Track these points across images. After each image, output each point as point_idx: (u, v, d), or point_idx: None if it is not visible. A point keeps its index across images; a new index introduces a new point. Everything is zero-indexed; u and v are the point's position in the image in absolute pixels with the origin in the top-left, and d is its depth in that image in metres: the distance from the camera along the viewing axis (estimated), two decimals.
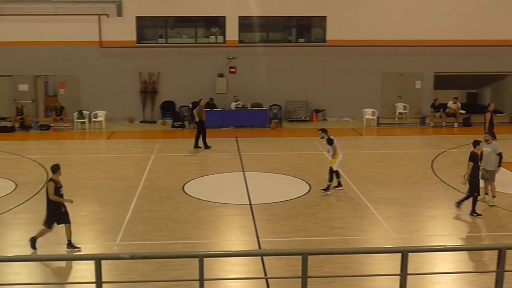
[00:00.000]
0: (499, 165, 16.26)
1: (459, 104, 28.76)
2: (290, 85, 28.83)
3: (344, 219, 15.31)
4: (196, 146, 23.21)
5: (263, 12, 28.89)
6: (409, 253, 7.34)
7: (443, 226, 15.19)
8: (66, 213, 13.00)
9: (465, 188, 17.89)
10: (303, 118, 28.91)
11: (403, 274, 7.31)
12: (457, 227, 15.11)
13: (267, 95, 28.68)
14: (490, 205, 16.18)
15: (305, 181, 18.69)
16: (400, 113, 29.67)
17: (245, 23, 29.29)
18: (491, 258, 7.80)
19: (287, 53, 29.12)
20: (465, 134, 26.14)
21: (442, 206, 16.68)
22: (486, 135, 16.78)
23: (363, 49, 28.94)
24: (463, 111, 28.63)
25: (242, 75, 28.84)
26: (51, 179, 12.91)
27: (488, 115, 21.97)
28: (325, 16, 29.06)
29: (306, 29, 30.34)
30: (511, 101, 30.43)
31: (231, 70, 28.94)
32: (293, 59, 29.10)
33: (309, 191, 17.70)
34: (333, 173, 17.55)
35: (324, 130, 18.02)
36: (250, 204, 16.40)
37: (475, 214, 15.27)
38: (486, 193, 16.51)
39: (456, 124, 28.11)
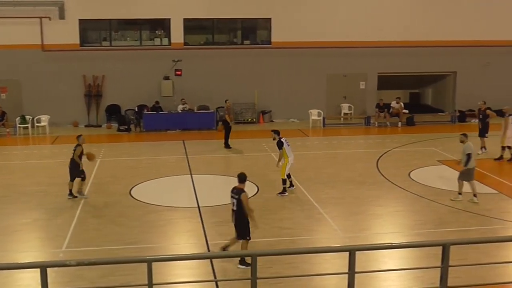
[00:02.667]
0: (465, 165, 16.65)
1: (402, 104, 29.33)
2: (236, 87, 28.86)
3: (292, 219, 15.40)
4: (227, 145, 23.46)
5: (208, 14, 28.85)
6: (357, 252, 7.43)
7: (389, 224, 15.46)
8: (83, 170, 16.94)
9: (410, 186, 18.30)
10: (249, 119, 28.98)
11: (351, 272, 7.40)
12: (402, 225, 15.41)
13: (214, 97, 28.64)
14: (452, 200, 16.73)
15: (252, 182, 18.71)
16: (345, 114, 30.05)
17: (190, 26, 29.18)
18: (435, 254, 7.97)
19: (233, 55, 29.15)
20: (409, 133, 26.73)
21: (388, 204, 16.98)
22: (460, 136, 17.15)
23: (308, 51, 29.21)
24: (406, 111, 29.22)
25: (188, 78, 28.72)
26: (79, 145, 17.02)
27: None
28: (270, 18, 29.21)
29: (251, 31, 30.44)
30: (452, 100, 31.18)
31: (177, 72, 28.77)
32: (239, 61, 29.15)
33: (256, 192, 17.74)
34: (285, 180, 17.57)
35: (276, 132, 17.99)
36: (198, 207, 16.34)
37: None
38: (460, 193, 16.86)
39: (399, 124, 28.66)
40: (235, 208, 12.25)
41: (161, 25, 29.22)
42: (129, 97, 28.37)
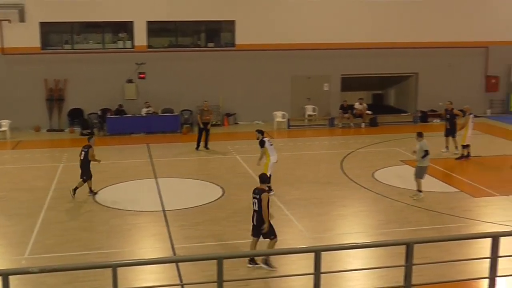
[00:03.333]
0: (419, 162, 17.04)
1: (365, 105, 29.63)
2: (200, 90, 28.77)
3: None
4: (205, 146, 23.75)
5: (172, 17, 28.73)
6: (322, 252, 7.49)
7: (354, 224, 15.61)
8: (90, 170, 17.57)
9: (374, 186, 18.50)
10: (214, 122, 28.92)
11: (317, 273, 7.45)
12: (367, 225, 15.57)
13: (178, 100, 28.52)
14: (415, 199, 16.97)
15: (218, 185, 18.71)
16: (309, 115, 30.21)
17: (154, 28, 29.01)
18: (399, 253, 8.08)
19: (197, 58, 29.08)
20: (372, 134, 27.00)
21: (352, 204, 17.14)
22: (416, 134, 17.57)
23: (272, 53, 29.30)
24: (370, 112, 29.52)
25: (152, 81, 28.55)
26: (90, 146, 17.67)
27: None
28: (233, 21, 29.22)
29: (215, 33, 30.40)
30: (414, 101, 31.60)
31: (140, 75, 28.57)
32: (203, 64, 29.08)
33: (222, 195, 17.74)
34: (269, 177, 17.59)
35: (260, 131, 18.11)
36: (164, 211, 16.26)
37: None
38: (420, 191, 17.13)
39: (363, 125, 28.93)
40: (256, 209, 12.32)
41: (124, 28, 29.00)
42: (92, 100, 28.07)
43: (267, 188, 12.65)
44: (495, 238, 7.92)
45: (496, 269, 7.90)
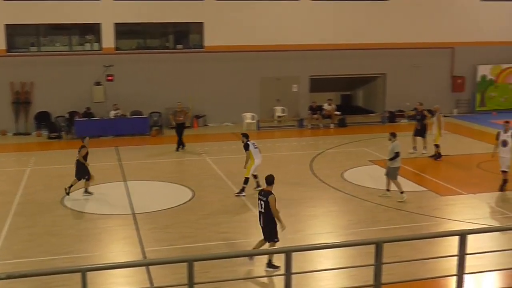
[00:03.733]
0: (391, 163, 17.10)
1: (334, 105, 29.82)
2: (169, 92, 28.64)
3: (228, 223, 15.43)
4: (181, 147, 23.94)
5: (140, 18, 28.55)
6: (293, 253, 7.52)
7: (324, 224, 15.70)
8: (88, 170, 17.68)
9: (343, 186, 18.62)
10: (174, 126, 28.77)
11: (288, 273, 7.47)
12: (336, 225, 15.66)
13: (147, 102, 28.34)
14: (380, 196, 17.12)
15: (188, 187, 18.66)
16: (279, 116, 30.28)
17: (122, 30, 28.80)
18: (369, 252, 8.15)
19: (166, 60, 28.94)
20: (341, 135, 27.18)
21: (322, 205, 17.23)
22: (389, 135, 17.57)
23: (241, 55, 29.31)
24: (338, 113, 29.72)
25: (121, 83, 28.32)
26: (84, 146, 17.77)
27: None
28: (202, 23, 29.15)
29: (184, 35, 30.31)
30: (382, 101, 31.89)
31: (109, 78, 28.33)
32: (171, 66, 28.96)
33: (192, 197, 17.69)
34: (248, 178, 17.83)
35: (245, 135, 18.40)
36: (133, 214, 16.15)
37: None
38: (388, 190, 17.27)
39: (332, 125, 29.11)
40: (262, 211, 12.35)
41: (91, 30, 28.73)
42: (60, 103, 27.73)
43: (271, 191, 12.68)
44: (463, 236, 8.04)
45: (464, 266, 8.02)
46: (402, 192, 17.12)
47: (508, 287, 11.19)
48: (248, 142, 18.04)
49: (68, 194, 17.66)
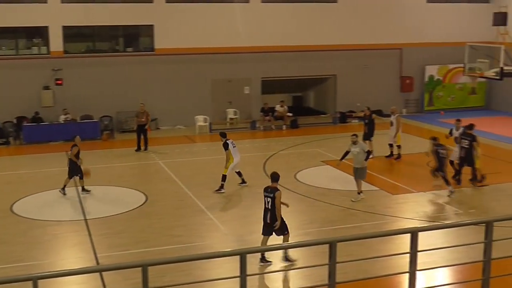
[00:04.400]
0: (361, 164, 17.19)
1: (286, 107, 30.00)
2: (120, 95, 28.34)
3: (183, 226, 15.35)
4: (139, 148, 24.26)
5: (88, 21, 28.12)
6: (247, 255, 7.52)
7: None
8: (80, 169, 17.96)
9: (296, 187, 18.74)
10: (135, 128, 28.47)
11: (243, 276, 7.47)
12: (290, 225, 15.67)
13: (97, 106, 27.95)
14: (353, 201, 17.13)
15: (141, 191, 18.48)
16: (231, 119, 30.29)
17: (70, 33, 28.34)
18: (323, 251, 8.21)
19: (116, 63, 28.62)
20: (293, 136, 27.36)
21: None
22: (352, 137, 17.66)
23: (192, 57, 29.21)
24: (290, 114, 29.91)
25: (70, 87, 27.86)
26: (75, 145, 18.04)
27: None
28: (152, 25, 28.94)
29: (134, 38, 30.02)
30: (333, 102, 32.22)
31: (57, 82, 27.84)
32: (122, 69, 28.65)
33: (145, 201, 17.53)
34: (225, 176, 18.23)
35: (223, 134, 18.79)
36: (85, 219, 15.91)
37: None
38: (359, 192, 17.34)
39: (284, 127, 29.28)
40: (269, 207, 12.58)
41: (39, 33, 28.18)
42: (7, 108, 27.10)
43: (278, 188, 12.99)
44: (414, 233, 8.18)
45: (416, 263, 8.16)
46: (360, 193, 17.30)
47: (458, 282, 11.44)
48: (227, 141, 18.43)
49: (64, 194, 18.05)
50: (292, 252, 12.98)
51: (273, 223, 12.67)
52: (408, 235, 8.10)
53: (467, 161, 18.62)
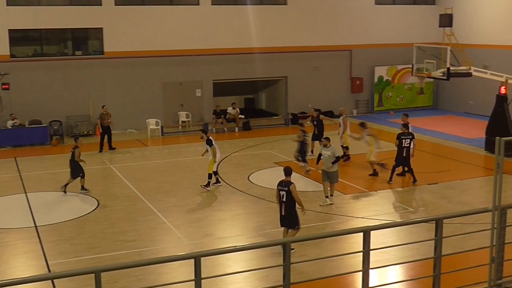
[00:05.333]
0: (331, 168, 17.01)
1: (238, 109, 30.02)
2: (70, 100, 27.89)
3: (136, 231, 15.20)
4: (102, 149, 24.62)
5: (36, 24, 27.58)
6: (202, 258, 7.50)
7: (232, 228, 15.75)
8: (82, 168, 18.60)
9: (250, 189, 18.75)
10: (85, 132, 28.12)
11: (197, 279, 7.44)
12: (245, 228, 15.76)
13: (46, 111, 27.42)
14: (321, 205, 17.01)
15: (92, 196, 18.23)
16: (183, 122, 30.14)
17: (17, 37, 27.75)
18: (278, 253, 8.25)
19: (64, 67, 28.13)
20: (246, 138, 27.39)
21: (230, 208, 17.29)
22: (323, 140, 17.62)
23: (142, 60, 28.96)
24: (242, 116, 29.95)
25: (17, 92, 27.26)
26: (77, 147, 18.51)
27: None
28: (101, 28, 28.57)
29: (83, 41, 29.57)
30: (285, 104, 32.40)
31: (4, 86, 27.21)
32: (71, 73, 28.18)
33: (97, 206, 17.29)
34: (211, 174, 18.69)
35: (203, 131, 19.43)
36: (36, 226, 15.59)
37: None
38: (327, 196, 17.27)
39: (236, 129, 29.30)
40: (284, 200, 13.02)
41: None
42: None
43: (292, 181, 13.34)
44: (366, 232, 8.29)
45: (369, 261, 8.27)
46: (328, 196, 17.24)
47: (411, 279, 11.63)
48: (211, 138, 18.92)
49: (65, 192, 18.53)
50: (248, 254, 12.98)
51: (288, 215, 13.13)
52: (361, 234, 8.20)
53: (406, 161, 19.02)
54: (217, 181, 19.17)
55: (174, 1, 29.91)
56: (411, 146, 19.15)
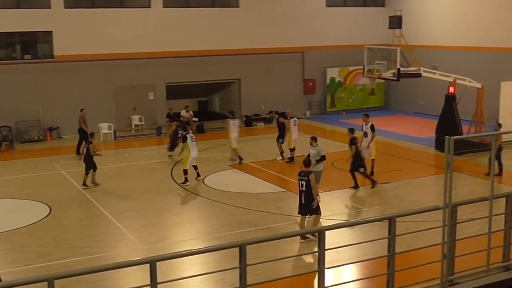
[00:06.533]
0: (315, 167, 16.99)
1: (191, 112, 29.85)
2: (19, 105, 27.29)
3: (89, 237, 14.98)
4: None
5: None
6: (157, 262, 7.45)
7: (187, 231, 15.69)
8: (94, 163, 19.44)
9: (205, 192, 18.73)
10: (36, 138, 27.59)
11: (153, 283, 7.40)
12: (200, 230, 15.71)
13: None
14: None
15: (44, 203, 17.89)
16: (136, 125, 29.87)
17: None
18: (235, 255, 8.25)
19: (13, 71, 27.52)
20: (200, 141, 27.07)
21: (185, 211, 17.23)
22: (310, 139, 17.75)
23: (93, 64, 28.57)
24: (196, 119, 29.81)
25: None
26: (91, 142, 19.44)
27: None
28: (50, 31, 28.07)
29: (32, 45, 29.00)
30: (238, 106, 32.40)
31: None
32: (20, 77, 27.58)
33: (49, 213, 16.98)
34: (187, 170, 19.46)
35: (183, 128, 20.79)
36: None
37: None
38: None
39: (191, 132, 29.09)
40: (304, 189, 14.02)
41: None
42: None
43: (311, 170, 14.50)
44: (321, 232, 8.36)
45: (324, 261, 8.34)
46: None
47: (366, 277, 11.77)
48: (187, 135, 19.64)
49: (87, 186, 19.28)
50: (204, 257, 12.94)
51: (308, 203, 14.05)
52: (315, 235, 8.26)
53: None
54: (198, 175, 19.99)
55: (125, 3, 29.64)
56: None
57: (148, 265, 7.41)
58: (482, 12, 29.73)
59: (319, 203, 14.43)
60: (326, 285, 8.44)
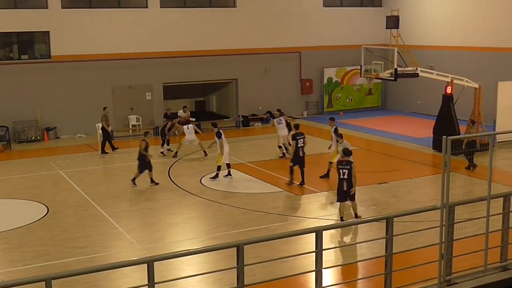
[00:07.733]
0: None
1: (188, 112, 29.84)
2: (16, 105, 27.27)
3: (87, 237, 14.98)
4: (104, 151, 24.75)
5: None
6: (155, 262, 7.45)
7: (185, 231, 15.69)
8: (150, 162, 19.51)
9: (202, 192, 18.71)
10: (33, 138, 27.57)
11: (151, 283, 7.41)
12: (198, 231, 15.72)
13: None
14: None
15: (42, 203, 17.88)
16: (133, 125, 29.85)
17: None
18: (232, 255, 8.26)
19: (10, 71, 27.50)
20: None
21: (182, 212, 17.22)
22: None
23: (91, 64, 28.56)
24: (193, 119, 29.78)
25: None
26: (144, 140, 19.66)
27: None
28: (48, 31, 28.06)
29: (29, 45, 28.97)
30: (235, 106, 32.42)
31: None
32: (17, 77, 27.56)
33: (47, 213, 16.97)
34: (220, 166, 19.75)
35: (214, 124, 21.26)
36: None
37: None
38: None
39: None
40: (346, 177, 15.03)
41: None
42: None
43: (352, 160, 15.49)
44: (319, 232, 8.38)
45: (322, 261, 8.35)
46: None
47: (363, 277, 11.79)
48: (220, 131, 20.05)
49: (135, 184, 19.38)
50: (202, 257, 12.95)
51: (349, 190, 15.04)
52: (313, 235, 8.28)
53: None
54: (229, 174, 20.11)
55: (122, 4, 29.61)
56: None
57: (145, 265, 7.41)
58: (479, 12, 29.79)
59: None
60: (323, 285, 8.45)
